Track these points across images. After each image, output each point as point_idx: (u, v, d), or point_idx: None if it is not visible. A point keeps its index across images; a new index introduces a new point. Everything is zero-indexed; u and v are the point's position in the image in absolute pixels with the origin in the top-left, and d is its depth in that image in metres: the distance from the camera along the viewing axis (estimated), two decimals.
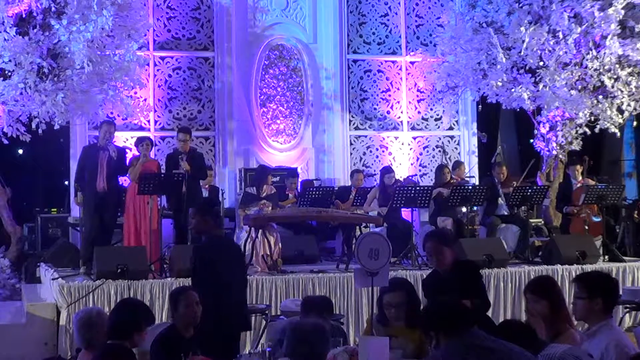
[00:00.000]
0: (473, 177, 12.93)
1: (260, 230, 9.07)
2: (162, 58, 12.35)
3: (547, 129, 12.09)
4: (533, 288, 4.59)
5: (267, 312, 7.74)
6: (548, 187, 11.34)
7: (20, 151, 15.09)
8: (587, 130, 11.89)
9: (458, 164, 11.83)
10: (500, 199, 10.60)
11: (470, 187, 10.55)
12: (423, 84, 13.23)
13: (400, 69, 13.32)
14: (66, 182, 12.64)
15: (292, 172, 11.83)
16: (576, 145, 12.01)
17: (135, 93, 11.44)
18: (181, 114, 12.35)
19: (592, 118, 11.76)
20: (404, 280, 5.73)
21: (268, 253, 9.09)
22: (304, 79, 12.85)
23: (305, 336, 3.83)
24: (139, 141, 9.85)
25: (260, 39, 12.66)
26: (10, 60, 9.47)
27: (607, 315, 4.16)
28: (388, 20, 13.32)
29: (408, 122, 13.31)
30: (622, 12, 11.08)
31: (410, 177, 12.35)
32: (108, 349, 4.38)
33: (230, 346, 5.92)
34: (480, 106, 12.82)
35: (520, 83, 11.46)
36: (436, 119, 13.44)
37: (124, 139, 11.93)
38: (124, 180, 10.53)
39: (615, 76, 11.35)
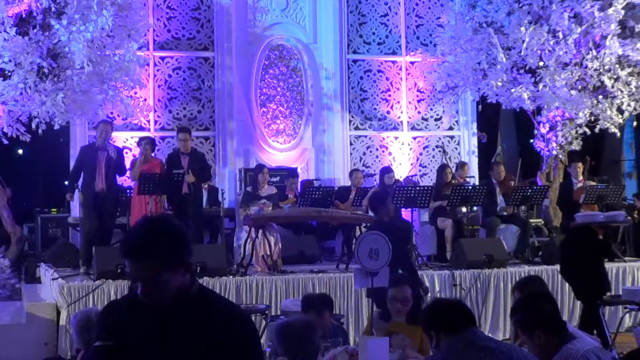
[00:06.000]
0: (473, 177, 12.93)
1: (260, 230, 9.06)
2: (162, 58, 12.35)
3: (547, 129, 12.09)
4: (520, 287, 4.61)
5: (267, 312, 7.73)
6: (548, 187, 11.34)
7: (20, 151, 15.11)
8: (587, 130, 11.89)
9: (461, 165, 11.81)
10: (497, 198, 10.59)
11: (470, 187, 10.55)
12: (423, 84, 13.23)
13: (400, 69, 13.32)
14: (66, 182, 12.64)
15: (292, 172, 11.83)
16: (576, 145, 12.01)
17: (135, 93, 11.44)
18: (181, 114, 12.35)
19: (592, 118, 11.76)
20: (408, 275, 5.77)
21: (268, 253, 9.09)
22: (304, 79, 12.85)
23: (291, 334, 3.81)
24: (140, 141, 9.89)
25: (260, 39, 12.66)
26: (10, 60, 9.47)
27: (558, 341, 3.60)
28: (388, 20, 13.32)
29: (408, 122, 13.31)
30: (622, 12, 11.08)
31: (410, 177, 12.34)
32: (98, 350, 4.34)
33: None
34: (480, 106, 12.82)
35: (520, 83, 11.46)
36: (436, 119, 13.44)
37: (124, 139, 11.95)
38: (124, 181, 10.53)
39: (615, 76, 11.35)
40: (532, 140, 12.67)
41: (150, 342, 2.53)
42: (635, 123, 14.04)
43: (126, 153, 11.29)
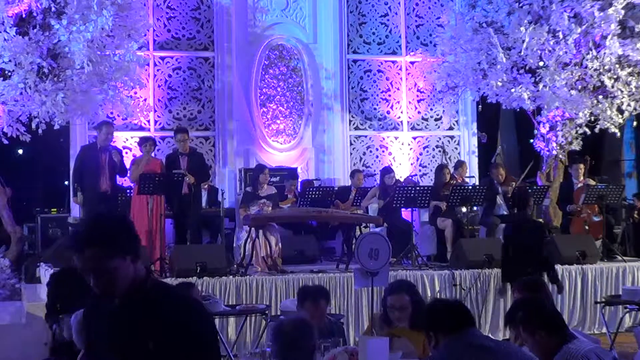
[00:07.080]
0: (473, 177, 12.93)
1: (260, 230, 9.06)
2: (162, 58, 12.35)
3: (547, 129, 12.08)
4: (520, 288, 4.61)
5: (267, 312, 7.73)
6: (548, 187, 11.34)
7: (20, 151, 15.09)
8: (587, 130, 11.88)
9: (460, 164, 11.81)
10: (499, 197, 10.60)
11: (470, 187, 10.54)
12: (423, 84, 13.23)
13: (400, 69, 13.32)
14: (66, 182, 12.63)
15: (292, 173, 11.83)
16: (576, 145, 12.01)
17: (135, 93, 11.44)
18: (181, 114, 12.35)
19: (592, 118, 11.75)
20: (406, 282, 5.73)
21: (268, 253, 9.09)
22: (304, 79, 12.85)
23: (284, 337, 3.79)
24: (142, 141, 9.88)
25: (260, 39, 12.66)
26: (10, 60, 9.47)
27: (559, 341, 3.67)
28: (388, 20, 13.32)
29: (408, 122, 13.31)
30: (622, 12, 11.07)
31: (410, 177, 12.34)
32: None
33: None
34: (480, 106, 12.82)
35: (520, 83, 11.46)
36: (436, 119, 13.44)
37: (124, 139, 11.95)
38: (124, 181, 10.54)
39: (615, 76, 11.35)
40: (532, 140, 12.67)
41: (107, 336, 2.60)
42: (635, 123, 14.05)
43: (126, 153, 11.30)
